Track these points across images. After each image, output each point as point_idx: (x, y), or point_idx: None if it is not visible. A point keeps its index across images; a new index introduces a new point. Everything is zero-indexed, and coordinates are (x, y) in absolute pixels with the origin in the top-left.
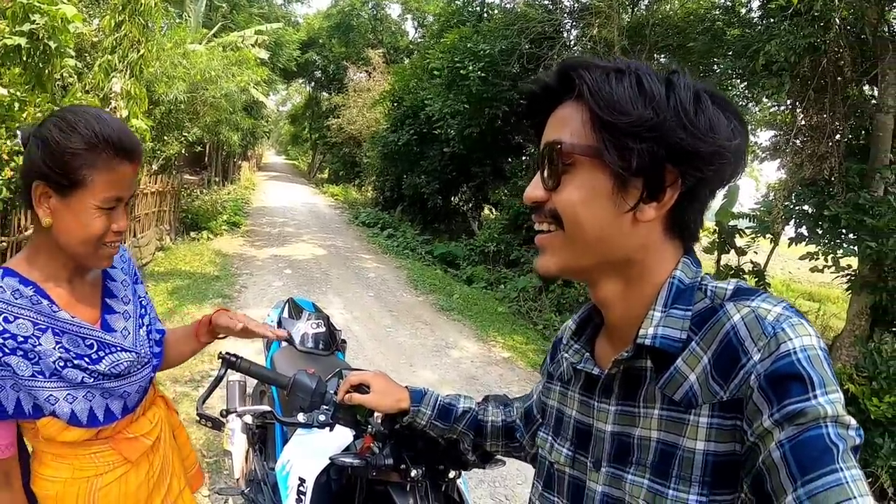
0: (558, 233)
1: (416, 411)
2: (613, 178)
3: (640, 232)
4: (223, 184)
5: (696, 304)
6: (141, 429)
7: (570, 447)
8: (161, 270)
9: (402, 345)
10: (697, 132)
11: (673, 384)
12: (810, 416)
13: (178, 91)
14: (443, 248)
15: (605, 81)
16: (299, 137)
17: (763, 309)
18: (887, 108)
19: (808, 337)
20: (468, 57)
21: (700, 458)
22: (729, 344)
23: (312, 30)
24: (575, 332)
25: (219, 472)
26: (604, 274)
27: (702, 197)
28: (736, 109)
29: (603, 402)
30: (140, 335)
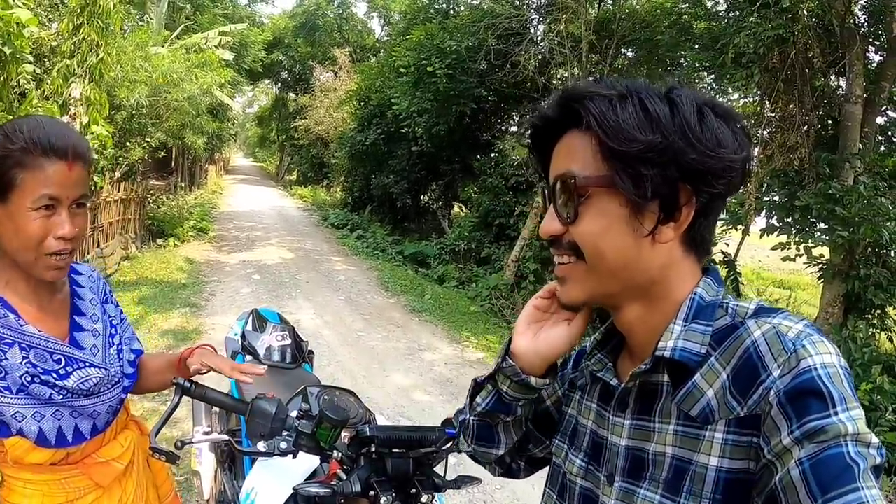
0: (579, 264)
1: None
2: (629, 205)
3: (661, 253)
4: (190, 189)
5: (718, 320)
6: (112, 452)
7: (584, 458)
8: (127, 280)
9: (374, 349)
10: (706, 149)
11: (690, 399)
12: (831, 433)
13: (140, 95)
14: (413, 247)
15: (610, 109)
16: (267, 139)
17: (784, 326)
18: (855, 97)
19: (829, 355)
20: (434, 54)
21: (712, 475)
22: (749, 360)
23: (278, 30)
24: (600, 343)
25: (189, 492)
26: (629, 298)
27: (715, 210)
28: (738, 118)
29: (618, 415)
30: (110, 353)
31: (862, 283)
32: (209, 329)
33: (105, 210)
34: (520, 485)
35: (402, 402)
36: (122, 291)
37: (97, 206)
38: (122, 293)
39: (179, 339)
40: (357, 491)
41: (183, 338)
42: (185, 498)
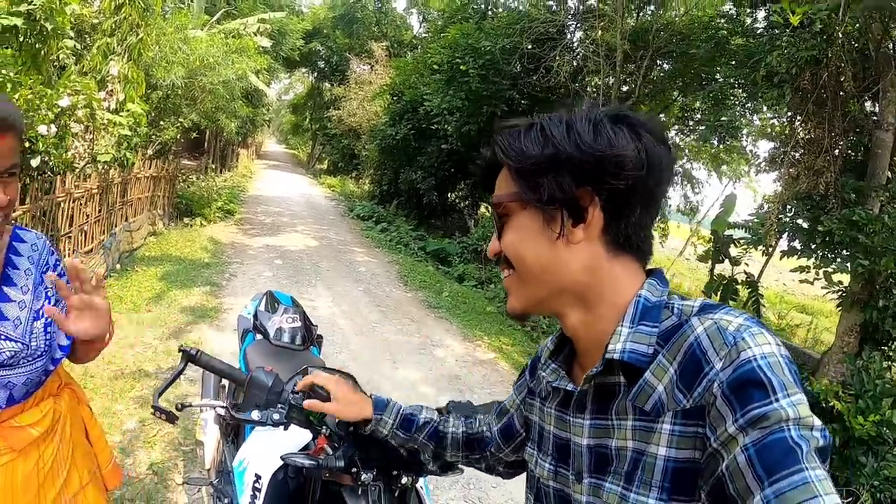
0: (513, 274)
1: (379, 420)
2: (540, 214)
3: (580, 254)
4: (220, 171)
5: (664, 321)
6: (30, 419)
7: (552, 462)
8: (152, 255)
9: (387, 341)
10: (593, 151)
11: (643, 396)
12: (773, 419)
13: (177, 76)
14: (436, 244)
15: (515, 138)
16: (300, 127)
17: (725, 321)
18: (887, 125)
19: (768, 345)
20: (469, 53)
21: (661, 464)
22: (693, 354)
23: (317, 20)
24: (553, 353)
25: (193, 461)
26: (564, 304)
27: (632, 209)
28: (645, 122)
29: (577, 416)
30: (35, 328)
31: (880, 313)
32: (227, 308)
33: (135, 186)
34: (514, 483)
35: (409, 395)
36: (146, 266)
37: (128, 182)
38: (146, 267)
39: (198, 317)
40: (340, 466)
41: (202, 315)
42: (190, 467)
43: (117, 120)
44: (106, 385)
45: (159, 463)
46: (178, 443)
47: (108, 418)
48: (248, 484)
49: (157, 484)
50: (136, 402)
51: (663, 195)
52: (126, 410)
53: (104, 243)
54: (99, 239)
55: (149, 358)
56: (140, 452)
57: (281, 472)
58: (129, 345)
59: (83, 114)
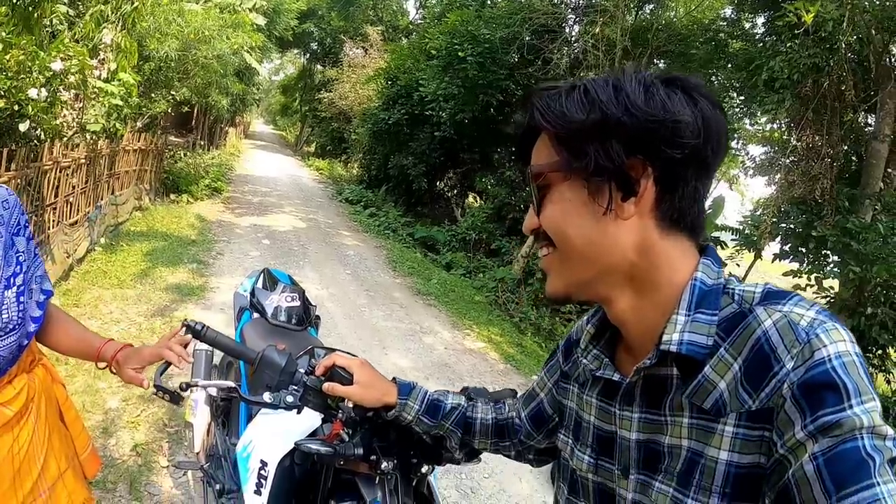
0: (554, 252)
1: (404, 405)
2: (586, 186)
3: (630, 231)
4: (208, 148)
5: (724, 308)
6: (2, 397)
7: (592, 454)
8: (137, 230)
9: (375, 326)
10: (646, 116)
11: (702, 392)
12: (846, 427)
13: (170, 48)
14: (424, 231)
15: (554, 100)
16: (289, 108)
17: (796, 314)
18: (883, 136)
19: (844, 343)
20: (467, 41)
21: (722, 469)
22: (760, 351)
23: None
24: (594, 337)
25: (179, 444)
26: (611, 286)
27: (686, 181)
28: (693, 83)
29: (625, 409)
30: (6, 297)
31: (868, 320)
32: (214, 287)
33: (123, 158)
34: (506, 475)
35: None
36: (131, 241)
37: (116, 154)
38: (132, 243)
39: (184, 295)
40: (359, 454)
41: (187, 293)
42: (175, 449)
43: (109, 89)
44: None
45: (143, 444)
46: (164, 424)
47: (91, 396)
48: (252, 470)
49: (141, 466)
50: (119, 380)
51: (719, 165)
52: (109, 388)
53: (89, 216)
54: (84, 211)
55: (133, 335)
56: (123, 433)
57: (288, 459)
58: (113, 321)
59: (75, 80)
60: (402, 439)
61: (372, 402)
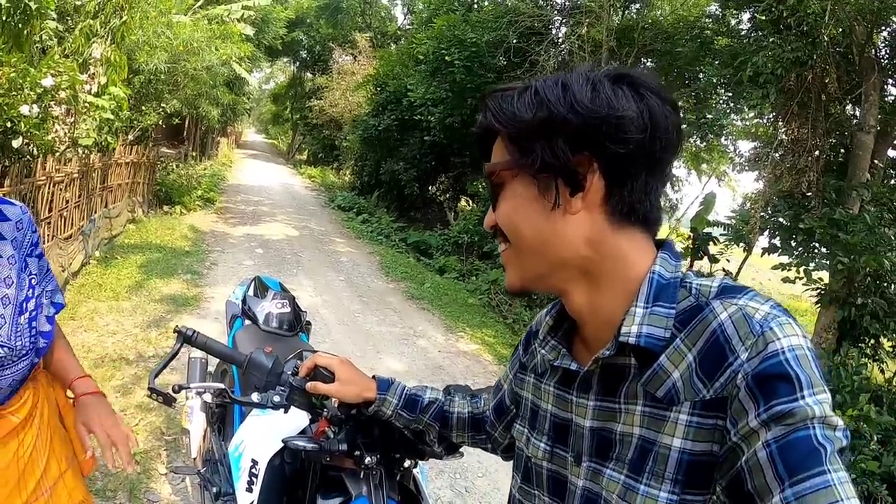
0: (510, 248)
1: (383, 400)
2: (535, 183)
3: (579, 226)
4: (200, 159)
5: (681, 302)
6: (8, 406)
7: (548, 441)
8: (131, 243)
9: (369, 331)
10: (590, 113)
11: (656, 381)
12: (798, 416)
13: (160, 61)
14: (417, 236)
15: (507, 101)
16: (280, 117)
17: (751, 307)
18: (868, 127)
19: (796, 337)
20: (455, 45)
21: (675, 456)
22: (716, 342)
23: (300, 9)
24: (552, 328)
25: (177, 451)
26: (566, 280)
27: (635, 176)
28: (648, 81)
29: (581, 397)
30: (19, 324)
31: (858, 311)
32: (209, 297)
33: (115, 171)
34: (500, 474)
35: None
36: (125, 253)
37: (108, 167)
38: (126, 255)
39: (178, 305)
40: (343, 450)
41: (182, 303)
42: (173, 456)
43: (99, 103)
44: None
45: (141, 453)
46: (161, 432)
47: None
48: (244, 470)
49: (140, 474)
50: (117, 390)
51: (671, 160)
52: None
53: (83, 229)
54: (78, 225)
55: (129, 346)
56: None
57: (278, 458)
58: (109, 333)
59: (66, 95)
60: (384, 435)
61: (352, 398)
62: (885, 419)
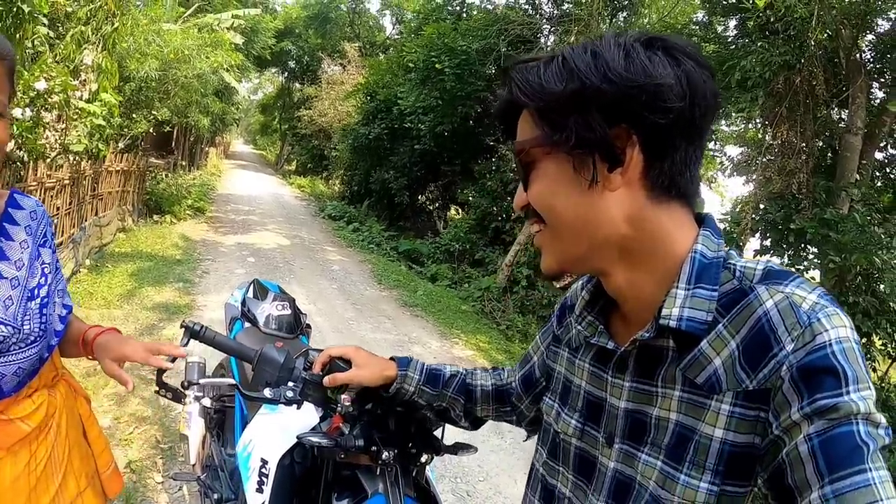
0: (545, 229)
1: (404, 376)
2: (570, 160)
3: (619, 203)
4: (189, 169)
5: (724, 284)
6: (20, 411)
7: (580, 418)
8: (122, 251)
9: (364, 338)
10: (626, 82)
11: (696, 367)
12: (842, 411)
13: (150, 69)
14: (408, 244)
15: (532, 73)
16: (269, 127)
17: (798, 296)
18: (856, 129)
19: (844, 328)
20: (445, 53)
21: (717, 446)
22: (760, 331)
23: (290, 19)
24: (589, 303)
25: (173, 459)
26: (606, 260)
27: (675, 147)
28: (678, 43)
29: (617, 377)
30: (29, 308)
31: (850, 310)
32: (201, 305)
33: (106, 179)
34: (502, 478)
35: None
36: (116, 262)
37: (99, 175)
38: (117, 264)
39: (171, 313)
40: (360, 446)
41: (174, 311)
42: (170, 464)
43: (91, 109)
44: (79, 381)
45: (137, 461)
46: (157, 440)
47: None
48: (253, 469)
49: (136, 483)
50: (111, 398)
51: (709, 127)
52: (100, 408)
53: (74, 237)
54: (69, 233)
55: None
56: (116, 451)
57: (288, 457)
58: None
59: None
60: (400, 430)
61: (374, 380)
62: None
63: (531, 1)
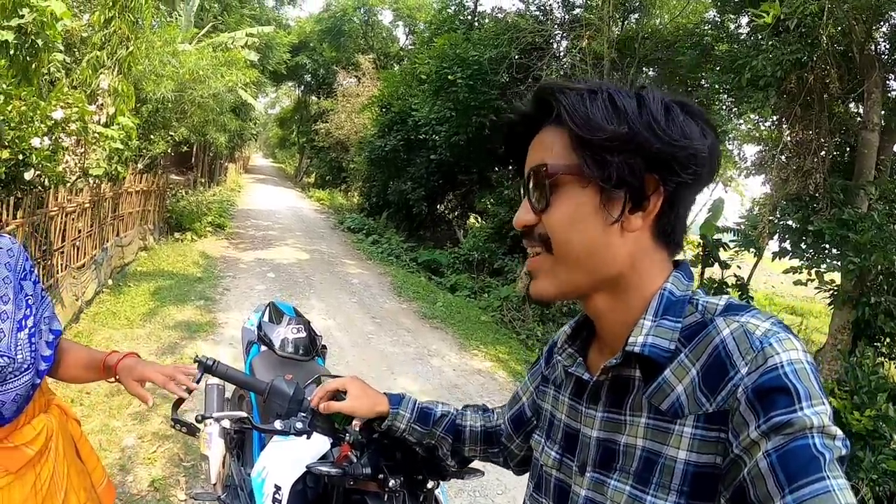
0: (548, 256)
1: (395, 414)
2: (598, 193)
3: (629, 242)
4: (209, 185)
5: (687, 317)
6: (23, 437)
7: (559, 450)
8: (144, 270)
9: (383, 352)
10: (671, 139)
11: (660, 394)
12: (797, 426)
13: (166, 90)
14: (427, 255)
15: (580, 102)
16: (287, 141)
17: (752, 324)
18: (872, 125)
19: (795, 351)
20: (457, 63)
21: (681, 468)
22: (718, 357)
23: (303, 33)
24: (570, 337)
25: (196, 477)
26: (596, 290)
27: (684, 202)
28: (703, 114)
29: (591, 407)
30: (19, 339)
31: (872, 310)
32: (223, 323)
33: (126, 200)
34: (519, 490)
35: None
36: (138, 281)
37: (119, 196)
38: (139, 283)
39: (192, 332)
40: (367, 473)
41: (196, 329)
42: (192, 482)
43: (109, 133)
44: (102, 402)
45: (160, 479)
46: (179, 458)
47: (107, 435)
48: (267, 495)
49: (160, 501)
50: (134, 418)
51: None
52: (124, 427)
53: (96, 258)
54: (91, 254)
55: None
56: (140, 469)
57: (300, 483)
58: None
59: (76, 127)
60: (407, 457)
61: (365, 412)
62: None
63: (542, 7)
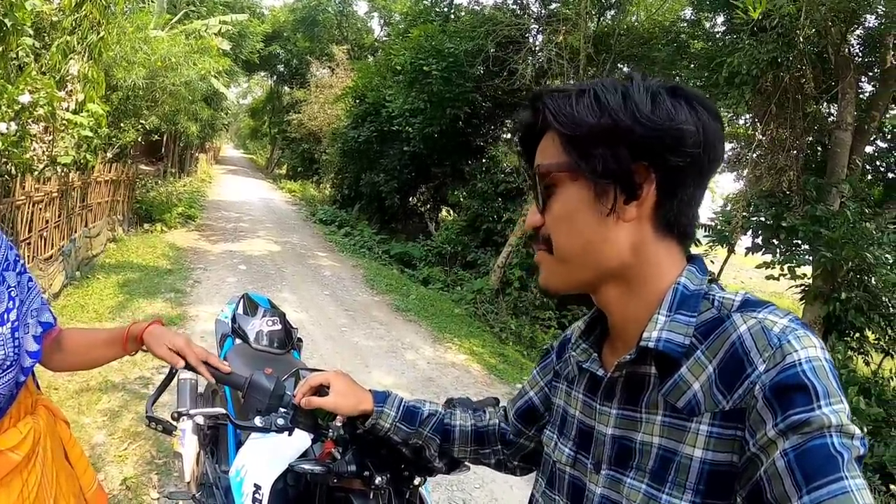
0: (547, 254)
1: (380, 412)
2: (590, 187)
3: (628, 233)
4: (179, 176)
5: (703, 312)
6: (8, 442)
7: (573, 447)
8: (112, 262)
9: (357, 345)
10: (654, 125)
11: (676, 391)
12: (815, 425)
13: (138, 77)
14: (399, 247)
15: (566, 102)
16: (258, 132)
17: (769, 321)
18: (846, 125)
19: (814, 349)
20: (432, 55)
21: (696, 466)
22: (734, 354)
23: (277, 22)
24: (584, 332)
25: (169, 475)
26: (603, 282)
27: (686, 189)
28: (697, 95)
29: (605, 404)
30: (1, 333)
31: (843, 305)
32: (193, 316)
33: (95, 190)
34: (498, 485)
35: None
36: (107, 273)
37: (87, 186)
38: (107, 275)
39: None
40: (352, 471)
41: (167, 323)
42: (165, 481)
43: (78, 120)
44: (71, 398)
45: (132, 478)
46: (152, 456)
47: (76, 432)
48: (247, 495)
49: (132, 500)
50: (104, 414)
51: (714, 173)
52: (94, 423)
53: (63, 249)
54: (58, 245)
55: (115, 369)
56: (111, 467)
57: (281, 482)
58: None
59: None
60: (393, 453)
61: (349, 410)
62: (875, 410)
63: (519, 1)
